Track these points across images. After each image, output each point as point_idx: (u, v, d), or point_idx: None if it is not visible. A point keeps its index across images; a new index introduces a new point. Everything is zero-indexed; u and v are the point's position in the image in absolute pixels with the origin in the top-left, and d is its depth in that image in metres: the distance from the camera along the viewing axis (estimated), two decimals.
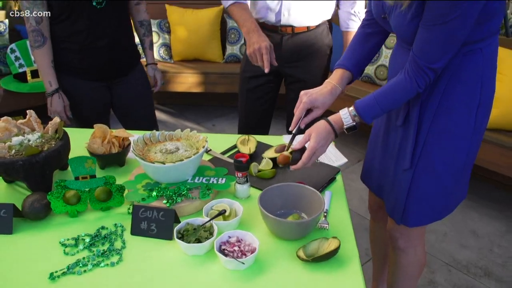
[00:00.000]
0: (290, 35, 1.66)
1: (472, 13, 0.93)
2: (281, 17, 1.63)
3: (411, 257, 1.32)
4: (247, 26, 1.55)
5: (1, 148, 1.09)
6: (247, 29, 1.54)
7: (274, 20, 1.64)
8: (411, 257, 1.32)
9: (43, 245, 0.98)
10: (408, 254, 1.32)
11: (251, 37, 1.52)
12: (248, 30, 1.54)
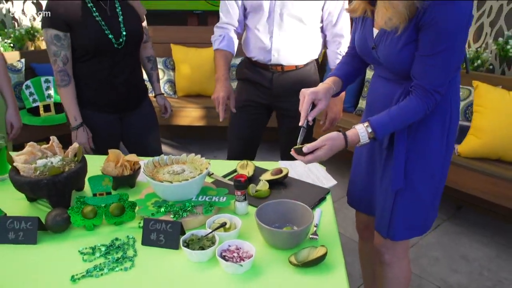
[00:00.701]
0: (280, 72, 1.83)
1: (464, 40, 1.12)
2: (271, 57, 1.80)
3: (397, 270, 1.44)
4: (217, 73, 1.81)
5: (28, 169, 1.23)
6: (216, 76, 1.81)
7: (265, 59, 1.81)
8: (397, 270, 1.44)
9: (64, 253, 1.10)
10: (394, 268, 1.44)
11: (216, 84, 1.78)
12: (217, 77, 1.80)
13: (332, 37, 1.83)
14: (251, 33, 1.84)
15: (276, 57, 1.80)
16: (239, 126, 1.97)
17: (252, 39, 1.83)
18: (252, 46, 1.84)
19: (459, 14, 1.08)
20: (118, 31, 1.77)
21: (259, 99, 1.91)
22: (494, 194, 2.28)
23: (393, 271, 1.44)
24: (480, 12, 2.77)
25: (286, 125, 1.95)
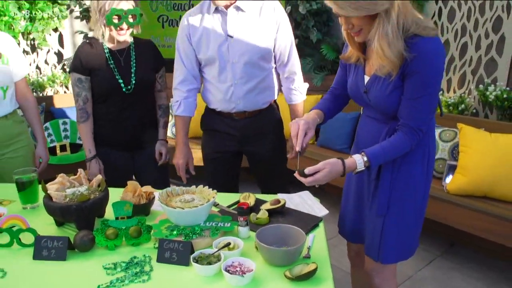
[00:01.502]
0: (245, 118, 1.96)
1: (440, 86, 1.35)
2: (235, 105, 1.93)
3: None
4: (176, 138, 2.05)
5: (60, 196, 1.43)
6: (176, 140, 2.06)
7: (229, 108, 1.94)
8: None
9: (89, 268, 1.27)
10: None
11: (176, 150, 2.04)
12: (176, 142, 2.05)
13: (286, 75, 1.98)
14: (210, 85, 1.95)
15: (239, 104, 1.92)
16: (213, 176, 2.07)
17: (212, 91, 1.94)
18: (213, 98, 1.96)
19: (438, 66, 1.32)
20: (128, 78, 2.01)
21: (228, 147, 2.02)
22: (482, 229, 2.41)
23: None
24: (463, 62, 3.03)
25: (259, 167, 2.09)
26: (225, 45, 1.85)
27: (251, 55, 1.86)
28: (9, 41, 2.10)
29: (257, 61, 1.88)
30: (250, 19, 1.85)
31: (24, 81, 2.17)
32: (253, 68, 1.89)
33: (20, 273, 1.25)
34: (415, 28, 1.29)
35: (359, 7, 1.26)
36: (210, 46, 1.87)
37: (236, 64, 1.87)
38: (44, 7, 3.58)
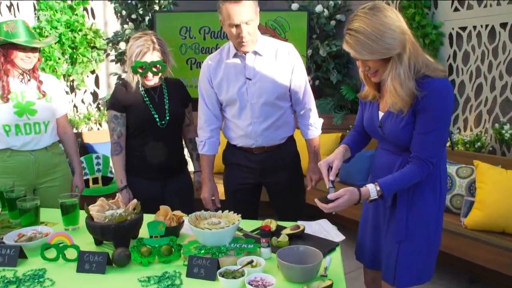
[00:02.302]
0: (264, 153, 2.10)
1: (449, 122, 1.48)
2: (254, 142, 2.07)
3: None
4: (202, 175, 2.23)
5: (100, 217, 1.59)
6: (202, 177, 2.24)
7: (249, 144, 2.08)
8: None
9: (126, 281, 1.40)
10: None
11: (202, 185, 2.22)
12: (202, 178, 2.24)
13: (302, 112, 2.13)
14: (230, 123, 2.10)
15: (258, 141, 2.06)
16: (234, 207, 2.14)
17: (233, 128, 2.10)
18: (234, 135, 2.11)
19: (446, 103, 1.46)
20: (163, 113, 2.20)
21: (248, 180, 2.15)
22: (501, 264, 2.44)
23: None
24: (478, 101, 3.15)
25: (277, 198, 2.21)
26: (244, 87, 2.03)
27: (268, 95, 2.01)
28: (54, 82, 2.37)
29: (274, 101, 2.03)
30: (267, 63, 2.02)
31: (64, 117, 2.42)
32: (271, 107, 2.04)
33: (65, 283, 1.40)
34: (425, 69, 1.44)
35: (374, 52, 1.42)
36: (230, 89, 2.05)
37: (255, 104, 2.02)
38: (84, 52, 3.92)
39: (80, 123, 4.03)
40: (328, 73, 4.02)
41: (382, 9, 1.42)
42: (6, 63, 2.15)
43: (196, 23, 4.09)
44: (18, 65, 2.16)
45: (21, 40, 2.11)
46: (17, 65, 2.16)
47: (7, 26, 2.12)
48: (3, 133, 2.18)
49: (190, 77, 4.14)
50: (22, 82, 2.21)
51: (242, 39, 1.91)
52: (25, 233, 1.70)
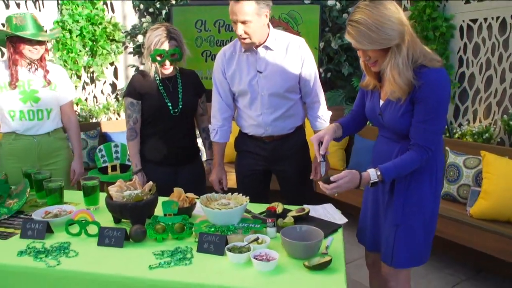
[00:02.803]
0: (273, 142, 2.21)
1: (446, 111, 1.56)
2: (264, 131, 2.19)
3: None
4: (214, 160, 2.39)
5: (119, 196, 1.72)
6: (213, 162, 2.39)
7: (259, 133, 2.20)
8: None
9: (142, 254, 1.53)
10: None
11: (212, 170, 2.38)
12: (213, 164, 2.39)
13: (310, 104, 2.23)
14: (242, 113, 2.23)
15: (268, 130, 2.18)
16: (245, 192, 2.26)
17: (244, 117, 2.22)
18: (245, 123, 2.23)
19: (443, 93, 1.54)
20: (176, 102, 2.32)
21: (258, 166, 2.27)
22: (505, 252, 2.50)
23: None
24: (488, 93, 3.19)
25: (285, 184, 2.33)
26: (255, 80, 2.14)
27: (277, 88, 2.12)
28: (60, 71, 2.53)
29: (283, 93, 2.14)
30: (277, 57, 2.12)
31: (69, 105, 2.58)
32: (280, 99, 2.14)
33: (88, 255, 1.53)
34: (422, 59, 1.52)
35: (374, 42, 1.51)
36: (242, 81, 2.16)
37: (265, 96, 2.13)
38: (104, 44, 4.07)
39: (99, 113, 4.19)
40: (340, 65, 4.08)
41: (382, 1, 1.50)
42: (15, 54, 2.31)
43: (211, 16, 4.19)
44: (26, 55, 2.32)
45: (28, 33, 2.26)
46: (25, 55, 2.31)
47: (16, 19, 2.28)
48: (9, 118, 2.36)
49: (205, 69, 4.26)
50: (30, 71, 2.37)
51: (239, 36, 2.03)
52: (51, 211, 1.85)
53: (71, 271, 1.44)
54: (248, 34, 2.03)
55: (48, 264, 1.47)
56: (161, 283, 1.38)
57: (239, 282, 1.36)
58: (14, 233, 1.71)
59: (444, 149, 1.76)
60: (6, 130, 2.40)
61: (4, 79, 2.32)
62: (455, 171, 2.93)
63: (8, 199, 1.95)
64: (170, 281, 1.38)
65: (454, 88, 3.35)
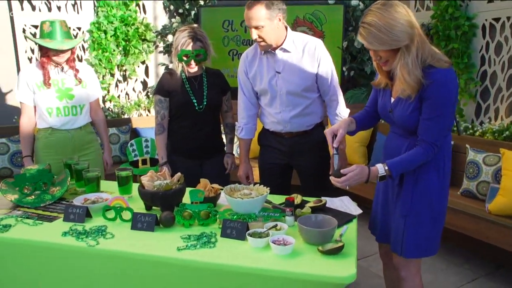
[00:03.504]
0: (292, 138, 2.34)
1: (453, 109, 1.64)
2: (283, 127, 2.32)
3: (411, 284, 1.84)
4: (239, 156, 2.52)
5: (150, 185, 1.89)
6: (239, 159, 2.51)
7: (279, 129, 2.34)
8: (411, 284, 1.84)
9: (171, 237, 1.69)
10: (409, 282, 1.84)
11: (239, 165, 2.49)
12: (239, 160, 2.50)
13: (328, 102, 2.35)
14: (264, 110, 2.37)
15: (287, 127, 2.32)
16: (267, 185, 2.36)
17: (266, 115, 2.37)
18: (267, 120, 2.38)
19: (450, 92, 1.63)
20: (201, 99, 2.48)
21: (279, 160, 2.41)
22: None
23: (409, 284, 1.85)
24: (510, 92, 3.20)
25: (304, 178, 2.45)
26: (274, 80, 2.27)
27: (295, 87, 2.25)
28: (89, 70, 2.75)
29: (301, 92, 2.26)
30: (294, 58, 2.25)
31: (97, 101, 2.80)
32: (298, 98, 2.27)
33: (122, 237, 1.70)
34: (430, 60, 1.61)
35: (384, 43, 1.61)
36: (263, 81, 2.31)
37: (283, 95, 2.27)
38: (136, 44, 4.28)
39: (131, 110, 4.40)
40: (363, 64, 4.16)
41: (393, 4, 1.60)
42: (43, 57, 2.54)
43: (238, 17, 4.34)
44: (52, 60, 2.53)
45: (51, 42, 2.46)
46: (51, 59, 2.53)
47: (45, 26, 2.50)
48: (47, 115, 2.57)
49: (232, 67, 4.41)
50: (62, 71, 2.59)
51: (255, 40, 2.19)
52: (89, 198, 2.04)
53: (108, 250, 1.62)
54: (262, 38, 2.17)
55: (88, 243, 1.64)
56: (188, 262, 1.53)
57: (259, 264, 1.49)
58: (58, 217, 1.90)
59: (451, 145, 1.83)
60: (43, 126, 2.62)
61: (38, 79, 2.54)
62: (475, 168, 2.98)
63: (52, 187, 2.14)
64: (196, 261, 1.53)
65: (476, 86, 3.38)
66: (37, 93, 2.54)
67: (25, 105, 2.58)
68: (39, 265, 1.72)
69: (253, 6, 2.11)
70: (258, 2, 2.10)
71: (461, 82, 3.42)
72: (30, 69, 2.57)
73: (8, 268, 1.77)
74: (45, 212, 1.96)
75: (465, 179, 3.04)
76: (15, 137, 3.59)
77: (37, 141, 2.64)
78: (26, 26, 3.90)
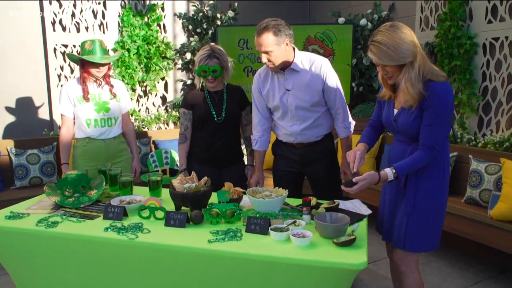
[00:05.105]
0: (303, 148, 2.56)
1: (450, 117, 1.86)
2: (294, 139, 2.54)
3: (411, 278, 2.03)
4: (254, 166, 2.74)
5: (181, 187, 2.11)
6: (254, 168, 2.75)
7: (291, 140, 2.56)
8: (411, 278, 2.03)
9: (201, 233, 1.90)
10: (409, 276, 2.03)
11: (253, 174, 2.73)
12: (254, 169, 2.74)
13: (335, 115, 2.55)
14: (277, 124, 2.59)
15: (298, 139, 2.54)
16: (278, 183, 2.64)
17: (279, 128, 2.60)
18: (280, 132, 2.61)
19: (446, 102, 1.85)
20: (220, 111, 2.71)
21: (291, 168, 2.63)
22: None
23: (409, 279, 2.03)
24: (510, 105, 3.40)
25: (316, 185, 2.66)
26: (285, 97, 2.51)
27: (303, 103, 2.47)
28: (121, 86, 3.03)
29: (309, 107, 2.49)
30: (302, 76, 2.47)
31: (127, 114, 3.08)
32: (307, 112, 2.49)
33: (158, 232, 1.92)
34: (430, 75, 1.84)
35: (392, 59, 1.83)
36: (275, 98, 2.54)
37: (293, 110, 2.49)
38: (157, 61, 4.55)
39: (151, 123, 4.65)
40: (371, 80, 4.39)
41: (399, 26, 1.84)
42: (84, 72, 2.81)
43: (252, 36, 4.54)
44: (92, 74, 2.80)
45: (94, 57, 2.75)
46: (91, 74, 2.80)
47: (87, 45, 2.80)
48: (85, 125, 2.84)
49: (247, 83, 4.65)
50: (99, 86, 2.86)
51: (265, 63, 2.42)
52: (124, 199, 2.26)
53: (146, 242, 1.83)
54: (271, 61, 2.40)
55: (128, 237, 1.86)
56: (218, 253, 1.74)
57: (280, 253, 1.69)
58: (97, 216, 2.12)
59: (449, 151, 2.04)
60: (81, 136, 2.87)
61: (78, 94, 2.80)
62: (477, 177, 3.16)
63: (89, 190, 2.37)
64: (225, 251, 1.74)
65: (478, 101, 3.58)
66: (78, 106, 2.80)
67: (66, 117, 2.84)
68: (84, 256, 1.94)
69: (262, 34, 2.34)
70: (266, 29, 2.33)
71: (464, 97, 3.62)
72: (71, 84, 2.84)
73: (57, 259, 1.99)
74: (85, 212, 2.19)
75: (468, 187, 3.22)
76: (45, 148, 3.86)
77: (75, 149, 2.89)
78: (57, 45, 4.19)
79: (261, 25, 2.36)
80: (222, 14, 4.81)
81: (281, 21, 2.37)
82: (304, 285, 1.68)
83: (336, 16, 4.66)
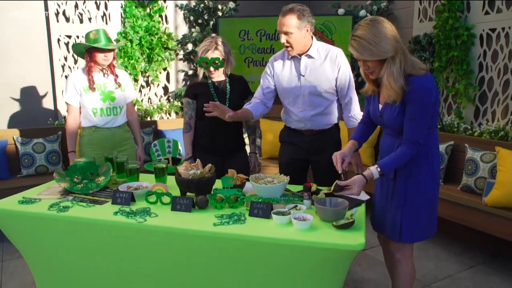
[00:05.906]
0: (311, 135, 2.64)
1: (431, 111, 1.90)
2: (304, 125, 2.62)
3: (405, 267, 2.10)
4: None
5: (186, 174, 2.19)
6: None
7: (300, 127, 2.64)
8: (405, 267, 2.10)
9: (206, 217, 1.98)
10: (403, 264, 2.10)
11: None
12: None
13: (345, 105, 2.63)
14: (287, 109, 2.65)
15: (307, 125, 2.61)
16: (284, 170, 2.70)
17: (289, 113, 2.65)
18: (289, 119, 2.67)
19: (428, 96, 1.86)
20: (223, 101, 2.77)
21: (298, 155, 2.69)
22: None
23: (402, 267, 2.11)
24: (505, 96, 3.48)
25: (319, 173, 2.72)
26: (298, 82, 2.58)
27: (316, 89, 2.55)
28: (125, 75, 3.12)
29: (321, 94, 2.56)
30: (317, 63, 2.55)
31: (131, 103, 3.16)
32: (318, 99, 2.57)
33: (165, 216, 2.00)
34: (411, 69, 1.86)
35: (373, 54, 1.85)
36: (288, 82, 2.61)
37: (306, 96, 2.57)
38: (159, 52, 4.61)
39: (153, 113, 4.73)
40: None
41: (380, 21, 1.86)
42: (91, 62, 2.88)
43: (253, 27, 4.66)
44: (99, 62, 2.87)
45: (101, 44, 2.83)
46: (98, 62, 2.87)
47: (92, 34, 2.87)
48: (92, 114, 2.92)
49: (247, 74, 4.72)
50: (104, 76, 2.93)
51: (283, 44, 2.49)
52: (131, 185, 2.35)
53: (155, 225, 1.92)
54: (290, 43, 2.47)
55: (137, 220, 1.95)
56: (223, 235, 1.83)
57: (282, 235, 1.78)
58: (106, 201, 2.21)
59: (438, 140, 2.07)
60: (87, 125, 2.95)
61: (84, 83, 2.87)
62: (473, 165, 3.25)
63: (97, 177, 2.46)
64: (230, 233, 1.82)
65: (475, 91, 3.66)
66: (84, 96, 2.87)
67: (72, 106, 2.92)
68: (94, 239, 2.03)
69: (287, 14, 2.44)
70: (291, 11, 2.44)
71: (461, 87, 3.69)
72: (77, 74, 2.91)
73: (68, 242, 2.08)
74: (94, 197, 2.27)
75: (464, 175, 3.31)
76: (50, 137, 3.93)
77: (82, 138, 2.97)
78: (60, 36, 4.25)
79: (287, 7, 2.46)
80: (223, 5, 4.86)
81: (306, 8, 2.48)
82: (305, 265, 1.78)
83: (336, 7, 4.71)
